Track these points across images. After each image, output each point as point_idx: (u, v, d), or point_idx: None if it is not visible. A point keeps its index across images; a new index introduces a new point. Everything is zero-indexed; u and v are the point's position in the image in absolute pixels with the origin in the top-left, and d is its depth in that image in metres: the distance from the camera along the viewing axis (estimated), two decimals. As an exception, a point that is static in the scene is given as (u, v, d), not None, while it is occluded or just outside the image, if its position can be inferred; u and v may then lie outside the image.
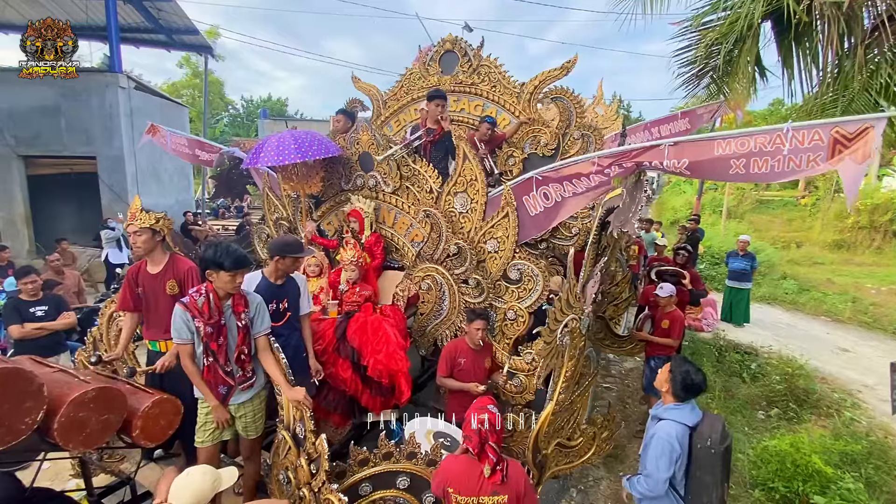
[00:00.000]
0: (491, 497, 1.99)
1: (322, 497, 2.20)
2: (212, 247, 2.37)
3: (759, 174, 2.64)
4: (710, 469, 2.44)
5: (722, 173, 2.82)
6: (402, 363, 3.44)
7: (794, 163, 2.56)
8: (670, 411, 2.58)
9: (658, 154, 2.96)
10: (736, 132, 2.74)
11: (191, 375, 2.38)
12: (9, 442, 1.73)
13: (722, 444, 2.42)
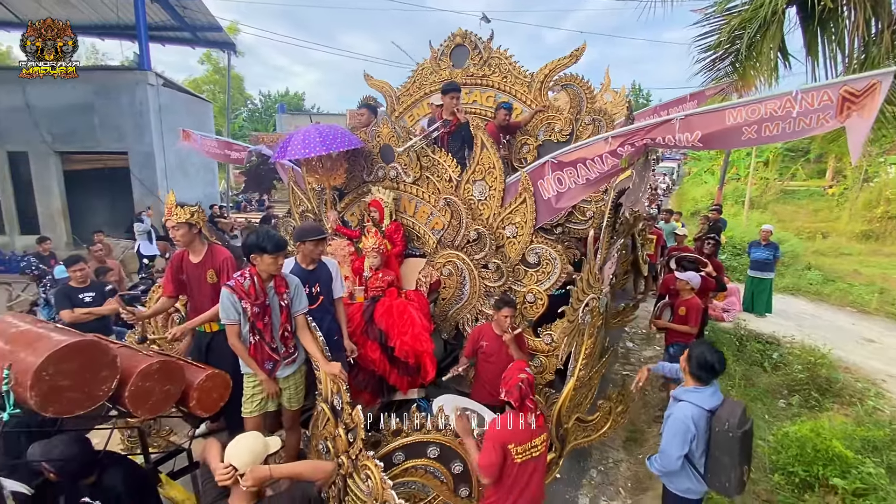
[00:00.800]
0: (538, 438, 2.42)
1: (360, 464, 2.37)
2: (253, 233, 2.55)
3: (770, 136, 2.73)
4: (727, 451, 2.51)
5: (734, 141, 2.90)
6: (427, 344, 3.60)
7: (805, 123, 2.64)
8: (689, 394, 2.66)
9: (669, 129, 3.03)
10: (745, 100, 2.83)
11: (239, 353, 2.58)
12: (87, 407, 1.93)
13: (739, 428, 2.48)
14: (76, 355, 1.89)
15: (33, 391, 1.77)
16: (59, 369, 1.83)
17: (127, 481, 2.21)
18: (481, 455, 2.37)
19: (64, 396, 1.86)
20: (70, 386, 1.87)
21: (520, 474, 2.38)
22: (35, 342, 1.91)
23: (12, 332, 2.03)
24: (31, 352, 1.85)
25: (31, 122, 9.85)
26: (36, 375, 1.77)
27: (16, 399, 1.80)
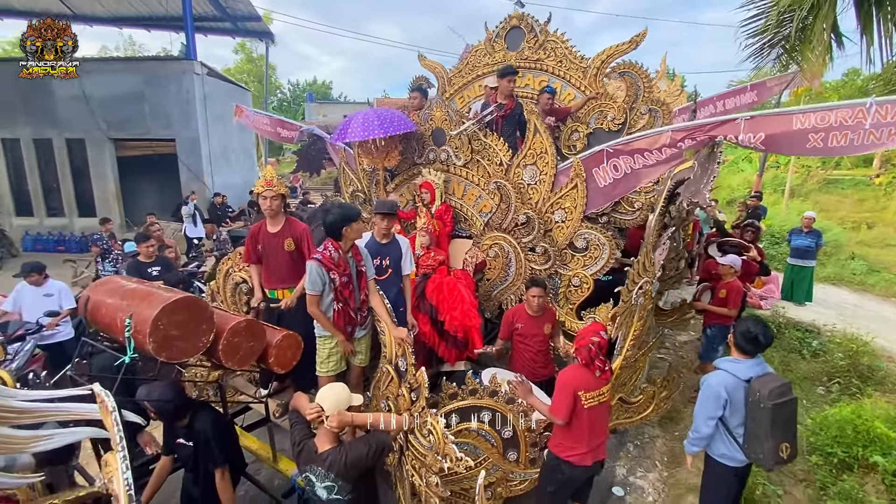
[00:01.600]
0: (605, 387, 2.73)
1: (422, 420, 2.59)
2: (334, 210, 2.78)
3: (838, 147, 2.71)
4: (759, 422, 2.60)
5: (798, 147, 2.89)
6: (475, 319, 3.80)
7: (875, 136, 2.61)
8: (725, 363, 2.79)
9: (733, 128, 3.06)
10: (815, 106, 2.81)
11: (318, 318, 2.84)
12: (191, 354, 2.21)
13: (770, 399, 2.55)
14: (183, 309, 2.17)
15: (151, 338, 2.05)
16: (171, 320, 2.11)
17: (215, 425, 2.50)
18: (554, 400, 2.67)
19: (174, 345, 2.14)
20: (178, 336, 2.15)
21: (589, 418, 2.67)
22: (148, 298, 2.19)
23: (126, 290, 2.32)
24: (146, 305, 2.13)
25: (87, 111, 10.44)
26: (153, 324, 2.05)
27: (135, 345, 2.09)
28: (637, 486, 3.92)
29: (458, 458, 2.40)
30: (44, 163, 11.02)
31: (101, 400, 1.68)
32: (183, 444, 2.50)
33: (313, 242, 3.15)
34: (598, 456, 2.83)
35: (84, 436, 2.15)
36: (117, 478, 1.59)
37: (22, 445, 2.01)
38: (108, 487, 1.68)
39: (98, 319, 2.33)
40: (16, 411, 1.93)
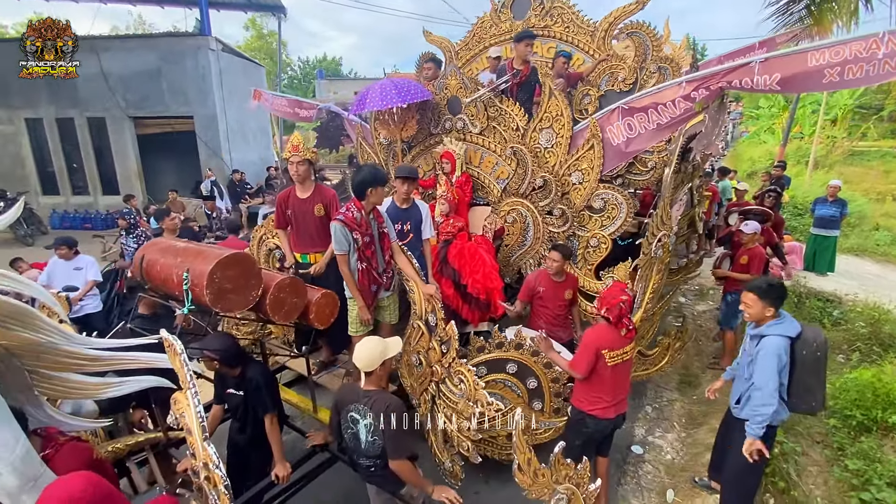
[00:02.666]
0: (628, 346, 2.83)
1: (453, 370, 2.73)
2: (364, 170, 2.87)
3: (854, 80, 2.71)
4: (815, 372, 2.67)
5: (815, 84, 2.89)
6: (497, 282, 3.89)
7: (890, 66, 2.62)
8: (773, 327, 2.69)
9: (748, 72, 3.05)
10: (828, 42, 2.81)
11: (347, 280, 2.95)
12: (242, 307, 2.36)
13: (820, 348, 2.63)
14: (235, 264, 2.30)
15: (207, 290, 2.19)
16: (224, 274, 2.24)
17: (264, 375, 2.66)
18: (576, 355, 2.79)
19: (227, 297, 2.28)
20: (231, 289, 2.29)
21: (612, 375, 2.78)
22: (201, 254, 2.32)
23: (178, 248, 2.46)
24: (201, 261, 2.26)
25: (107, 89, 10.58)
26: (209, 278, 2.18)
27: (193, 298, 2.23)
28: (656, 444, 4.05)
29: (489, 402, 2.53)
30: (67, 142, 11.25)
31: (170, 343, 1.83)
32: (233, 393, 2.68)
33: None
34: (620, 409, 2.96)
35: (148, 384, 2.33)
36: (189, 412, 1.74)
37: (93, 391, 2.18)
38: (180, 422, 1.84)
39: (153, 276, 2.48)
40: (88, 359, 2.09)
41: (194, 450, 1.76)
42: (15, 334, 1.88)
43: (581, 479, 2.15)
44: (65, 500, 1.46)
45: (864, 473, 3.48)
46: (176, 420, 1.93)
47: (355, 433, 2.36)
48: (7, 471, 1.62)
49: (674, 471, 3.71)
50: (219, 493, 1.63)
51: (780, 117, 18.31)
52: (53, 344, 1.98)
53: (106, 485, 1.58)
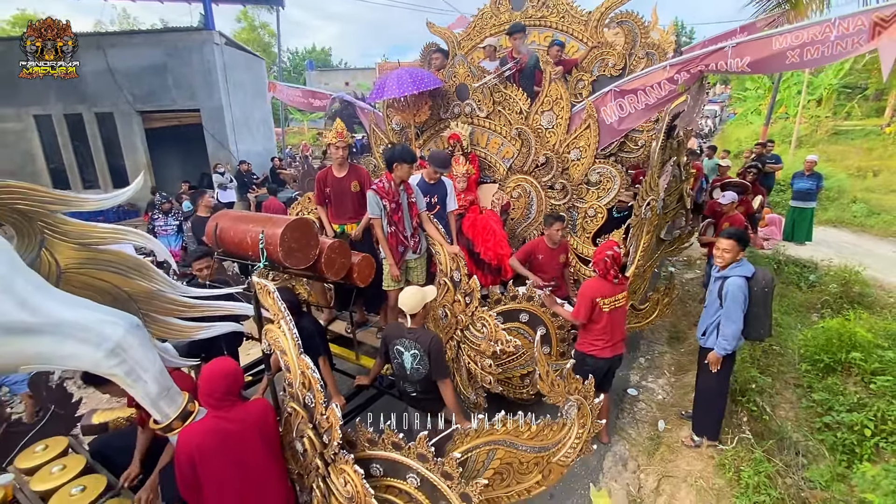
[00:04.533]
0: (620, 294, 3.33)
1: (476, 317, 3.24)
2: (395, 147, 3.34)
3: (811, 60, 3.22)
4: (763, 305, 3.29)
5: (779, 65, 3.39)
6: (506, 249, 4.39)
7: (841, 46, 3.12)
8: (735, 269, 3.34)
9: (722, 56, 3.55)
10: (789, 28, 3.31)
11: (380, 240, 3.45)
12: (305, 264, 2.84)
13: (767, 285, 3.27)
14: (299, 227, 2.79)
15: (280, 248, 2.68)
16: (292, 236, 2.73)
17: (316, 325, 3.16)
18: (576, 306, 3.32)
19: (294, 255, 2.78)
20: (297, 248, 2.77)
21: (608, 320, 3.31)
22: (270, 220, 2.81)
23: (244, 217, 2.96)
24: (271, 225, 2.74)
25: (114, 85, 10.86)
26: (282, 238, 2.67)
27: (266, 255, 2.71)
28: (648, 388, 4.61)
29: (507, 339, 3.05)
30: (76, 138, 11.53)
31: (263, 285, 2.31)
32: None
33: None
34: (616, 351, 3.49)
35: (229, 329, 2.82)
36: (284, 337, 2.24)
37: (186, 333, 2.67)
38: (273, 347, 2.33)
39: (226, 241, 2.96)
40: (187, 305, 2.58)
41: (289, 365, 2.25)
42: (136, 283, 2.37)
43: (587, 393, 2.67)
44: (227, 369, 2.01)
45: (827, 403, 4.05)
46: (267, 346, 2.41)
47: (401, 363, 2.87)
48: (151, 381, 2.11)
49: (664, 407, 4.27)
50: (314, 392, 2.13)
51: (766, 99, 18.82)
52: (163, 292, 2.47)
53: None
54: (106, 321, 1.98)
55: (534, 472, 2.47)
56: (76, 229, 2.13)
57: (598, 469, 3.53)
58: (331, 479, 2.18)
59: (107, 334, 1.95)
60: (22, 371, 1.93)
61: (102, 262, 2.23)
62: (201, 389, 2.03)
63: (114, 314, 2.05)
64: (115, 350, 1.97)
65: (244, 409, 2.11)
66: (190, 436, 2.00)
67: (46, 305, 1.81)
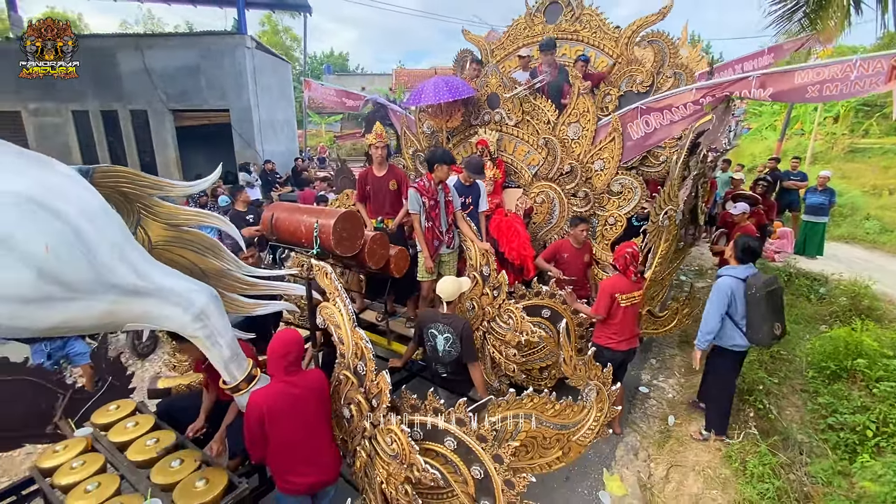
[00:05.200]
0: (636, 292, 3.61)
1: (503, 309, 3.51)
2: (437, 150, 3.66)
3: (830, 96, 3.47)
4: (756, 309, 3.47)
5: (799, 97, 3.66)
6: (530, 250, 4.66)
7: (859, 85, 3.37)
8: (727, 270, 3.66)
9: (746, 85, 3.82)
10: (812, 64, 3.56)
11: (417, 234, 3.75)
12: (353, 251, 3.15)
13: (764, 288, 3.41)
14: (348, 219, 3.11)
15: (332, 237, 2.99)
16: (343, 226, 3.04)
17: None
18: (596, 301, 3.60)
19: (343, 243, 3.09)
20: (347, 237, 3.09)
21: (624, 315, 3.58)
22: (323, 212, 3.13)
23: (297, 209, 3.29)
24: (324, 216, 3.06)
25: (149, 84, 11.37)
26: (334, 227, 2.98)
27: (320, 242, 3.03)
28: (659, 386, 4.84)
29: (532, 330, 3.32)
30: (110, 133, 12.06)
31: (321, 267, 2.61)
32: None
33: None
34: (631, 345, 3.75)
35: (282, 307, 3.13)
36: (339, 314, 2.53)
37: (246, 309, 2.98)
38: (327, 323, 2.63)
39: (282, 230, 3.28)
40: (249, 284, 2.89)
41: (343, 338, 2.55)
42: (210, 262, 2.68)
43: (606, 380, 2.92)
44: (298, 338, 2.32)
45: (832, 406, 4.24)
46: (322, 321, 2.70)
47: (434, 345, 3.15)
48: (225, 346, 2.42)
49: (674, 404, 4.49)
50: (367, 361, 2.42)
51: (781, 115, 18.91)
52: (230, 271, 2.79)
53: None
54: (193, 289, 2.29)
55: (555, 448, 2.73)
56: (167, 211, 2.46)
57: (611, 457, 3.77)
58: (376, 441, 2.47)
59: (194, 300, 2.26)
60: (128, 327, 2.23)
61: (185, 240, 2.55)
62: (275, 354, 2.31)
63: (198, 284, 2.36)
64: (199, 315, 2.28)
65: (306, 376, 2.40)
66: (261, 398, 2.29)
67: (151, 272, 2.13)
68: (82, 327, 2.07)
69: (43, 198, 1.76)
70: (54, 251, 1.75)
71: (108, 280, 1.94)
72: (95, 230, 1.89)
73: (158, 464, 2.53)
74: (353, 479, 2.73)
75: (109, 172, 2.23)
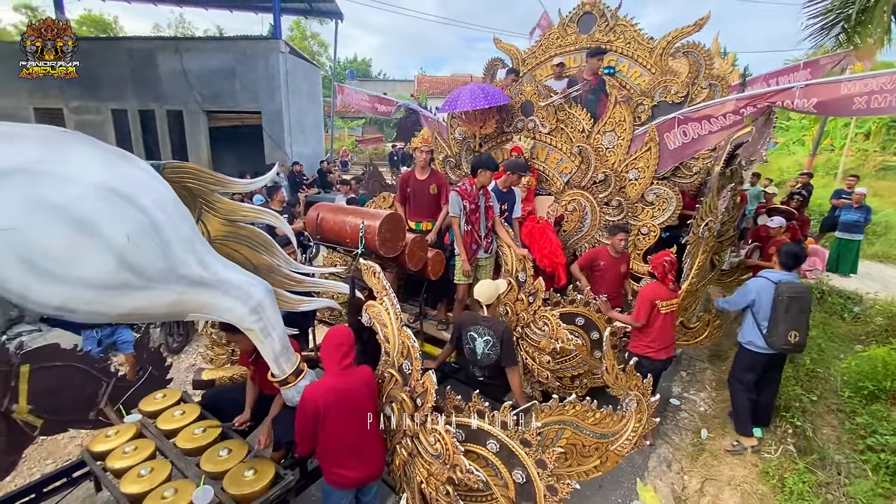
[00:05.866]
0: (674, 299, 3.65)
1: (538, 315, 3.53)
2: (483, 156, 3.72)
3: (878, 108, 3.41)
4: (778, 311, 3.57)
5: (846, 109, 3.60)
6: (561, 258, 4.67)
7: None
8: (765, 272, 3.77)
9: (790, 95, 3.78)
10: (860, 75, 3.51)
11: (456, 237, 3.80)
12: (395, 252, 3.21)
13: (787, 293, 3.52)
14: (392, 221, 3.18)
15: (377, 237, 3.05)
16: (387, 227, 3.11)
17: None
18: (636, 307, 3.59)
19: (387, 244, 3.16)
20: (390, 238, 3.16)
21: (663, 322, 3.59)
22: (367, 213, 3.21)
23: (342, 209, 3.37)
24: (369, 217, 3.13)
25: (186, 85, 11.73)
26: (379, 228, 3.05)
27: (365, 242, 3.10)
28: (690, 399, 4.77)
29: (569, 338, 3.33)
30: (147, 132, 12.45)
31: (369, 266, 2.68)
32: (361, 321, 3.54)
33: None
34: (669, 353, 3.73)
35: (325, 304, 3.20)
36: (386, 312, 2.58)
37: (293, 305, 3.05)
38: (372, 321, 2.68)
39: (326, 229, 3.37)
40: (296, 281, 2.97)
41: (389, 336, 2.60)
42: (262, 257, 2.77)
43: (646, 391, 2.91)
44: (351, 334, 2.37)
45: (870, 426, 4.13)
46: (368, 319, 2.76)
47: (472, 348, 3.18)
48: (277, 339, 2.49)
49: (706, 418, 4.43)
50: (412, 360, 2.47)
51: (810, 129, 18.57)
52: (280, 267, 2.86)
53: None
54: (251, 283, 2.37)
55: (593, 457, 2.73)
56: (226, 207, 2.55)
57: (644, 467, 3.73)
58: (418, 440, 2.51)
59: (252, 294, 2.34)
60: (191, 317, 2.32)
61: (241, 236, 2.64)
62: (330, 348, 2.36)
63: (255, 278, 2.44)
64: (256, 308, 2.36)
65: (357, 371, 2.46)
66: (317, 392, 2.33)
67: (215, 265, 2.22)
68: (151, 315, 2.16)
69: (125, 189, 1.86)
70: (133, 240, 1.84)
71: (178, 271, 2.02)
72: (170, 222, 1.98)
73: (207, 452, 2.61)
74: (390, 478, 2.77)
75: (178, 168, 2.33)
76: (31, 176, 1.68)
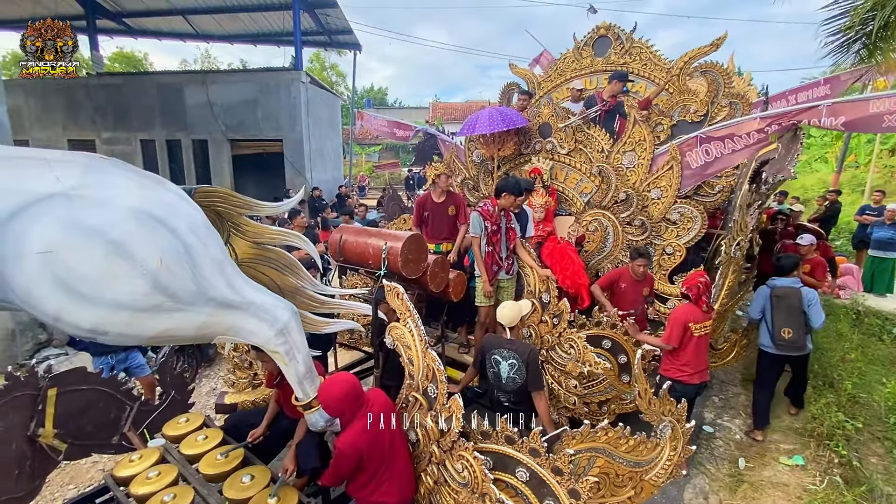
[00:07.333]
0: (708, 322, 3.55)
1: (564, 338, 3.44)
2: (508, 179, 3.73)
3: None
4: (771, 311, 3.94)
5: (875, 127, 3.52)
6: (584, 278, 4.58)
7: None
8: (769, 280, 4.13)
9: (816, 113, 3.72)
10: (889, 92, 3.42)
11: (477, 259, 3.77)
12: (418, 273, 3.20)
13: (775, 293, 3.86)
14: (414, 243, 3.17)
15: (400, 258, 3.05)
16: (410, 248, 3.11)
17: None
18: (667, 330, 3.47)
19: (409, 265, 3.15)
20: (412, 259, 3.15)
21: (697, 345, 3.47)
22: (391, 235, 3.22)
23: (364, 231, 3.40)
24: (392, 239, 3.14)
25: (211, 116, 12.18)
26: (402, 250, 3.05)
27: (388, 264, 3.09)
28: (724, 426, 4.56)
29: (597, 361, 3.22)
30: (173, 160, 12.91)
31: (392, 287, 2.66)
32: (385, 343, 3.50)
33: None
34: (703, 378, 3.59)
35: (347, 327, 3.18)
36: (409, 334, 2.55)
37: (317, 327, 3.04)
38: (396, 344, 2.65)
39: (349, 251, 3.38)
40: (320, 302, 2.96)
41: (413, 359, 2.55)
42: (288, 279, 2.78)
43: (680, 416, 2.78)
44: (352, 380, 2.30)
45: (922, 457, 3.87)
46: (392, 342, 2.73)
47: (497, 372, 3.10)
48: (301, 362, 2.47)
49: (743, 446, 4.21)
50: (438, 383, 2.41)
51: (833, 146, 18.25)
52: (305, 289, 2.87)
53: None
54: (278, 305, 2.37)
55: (627, 487, 2.59)
56: (253, 229, 2.58)
57: (679, 499, 3.54)
58: (444, 467, 2.42)
59: (279, 316, 2.34)
60: (217, 339, 2.32)
61: (268, 258, 2.66)
62: (343, 401, 2.25)
63: (282, 300, 2.44)
64: (282, 330, 2.35)
65: (371, 396, 2.40)
66: (358, 441, 2.23)
67: (243, 287, 2.23)
68: (180, 337, 2.17)
69: (159, 213, 1.90)
70: (166, 263, 1.87)
71: (209, 293, 2.04)
72: (201, 245, 2.01)
73: (230, 479, 2.56)
74: (414, 506, 2.67)
75: (209, 192, 2.38)
76: (69, 200, 1.73)
